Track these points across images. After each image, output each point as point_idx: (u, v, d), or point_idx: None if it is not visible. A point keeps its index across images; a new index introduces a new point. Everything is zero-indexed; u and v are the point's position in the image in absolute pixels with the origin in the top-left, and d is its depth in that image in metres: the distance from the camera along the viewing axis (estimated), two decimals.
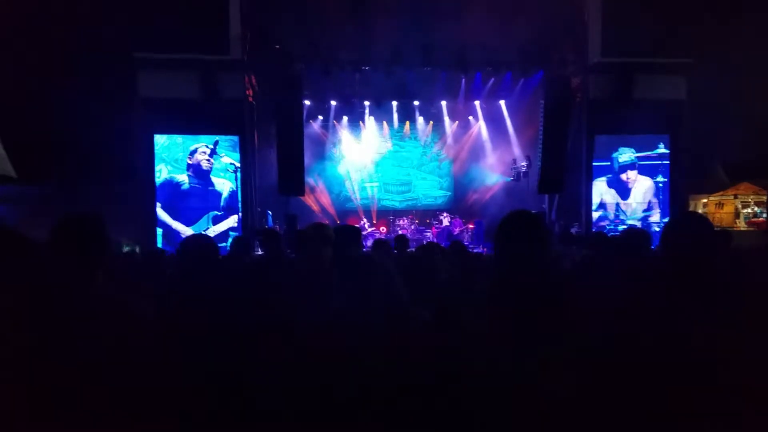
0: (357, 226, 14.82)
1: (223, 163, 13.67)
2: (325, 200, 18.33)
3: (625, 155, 14.71)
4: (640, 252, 3.53)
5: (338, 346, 2.29)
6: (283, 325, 2.46)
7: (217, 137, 13.63)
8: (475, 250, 13.55)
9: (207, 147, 13.67)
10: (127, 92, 13.29)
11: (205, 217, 13.67)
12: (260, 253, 10.97)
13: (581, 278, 4.12)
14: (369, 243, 15.78)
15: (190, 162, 13.65)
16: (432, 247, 4.84)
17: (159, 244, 13.22)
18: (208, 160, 13.65)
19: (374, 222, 17.67)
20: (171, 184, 13.64)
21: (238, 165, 13.58)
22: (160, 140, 13.64)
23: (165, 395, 1.98)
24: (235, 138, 13.73)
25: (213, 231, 13.41)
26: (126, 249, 11.76)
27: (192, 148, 13.68)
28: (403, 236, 6.90)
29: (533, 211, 2.34)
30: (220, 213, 13.73)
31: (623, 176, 14.74)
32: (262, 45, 13.89)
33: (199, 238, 3.20)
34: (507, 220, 2.19)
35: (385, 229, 16.89)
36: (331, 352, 2.27)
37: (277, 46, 13.82)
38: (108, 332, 1.87)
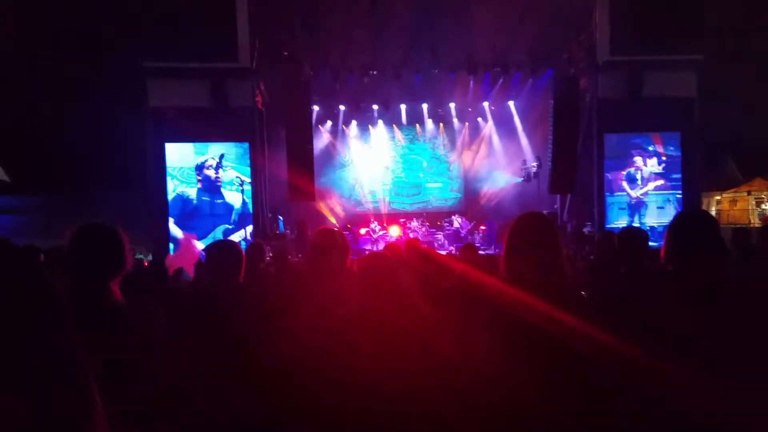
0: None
1: (229, 177, 13.64)
2: (336, 204, 18.36)
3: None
4: (638, 252, 3.50)
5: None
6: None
7: (223, 150, 13.58)
8: (485, 252, 13.53)
9: (214, 159, 13.61)
10: (136, 101, 13.35)
11: (216, 230, 13.58)
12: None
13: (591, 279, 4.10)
14: (380, 246, 15.79)
15: (199, 176, 13.62)
16: None
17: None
18: (216, 172, 13.61)
19: (385, 225, 17.66)
20: (182, 199, 13.55)
21: (245, 179, 13.53)
22: (170, 154, 13.57)
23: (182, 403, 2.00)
24: (245, 145, 13.72)
25: None
26: (138, 257, 11.81)
27: (200, 161, 13.61)
28: (414, 240, 6.88)
29: (544, 212, 2.33)
30: (231, 227, 13.67)
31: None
32: (271, 52, 13.93)
33: (226, 243, 3.26)
34: (518, 223, 2.18)
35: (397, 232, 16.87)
36: None
37: (286, 53, 13.87)
38: (127, 341, 1.88)
